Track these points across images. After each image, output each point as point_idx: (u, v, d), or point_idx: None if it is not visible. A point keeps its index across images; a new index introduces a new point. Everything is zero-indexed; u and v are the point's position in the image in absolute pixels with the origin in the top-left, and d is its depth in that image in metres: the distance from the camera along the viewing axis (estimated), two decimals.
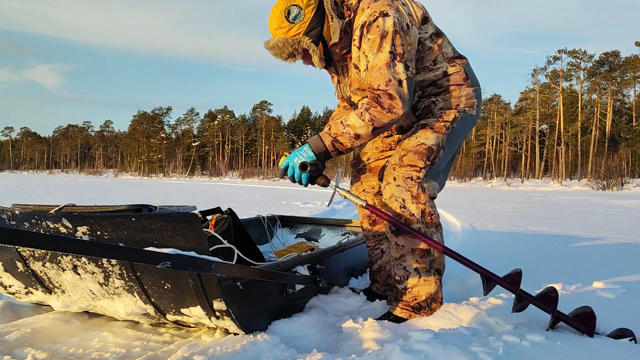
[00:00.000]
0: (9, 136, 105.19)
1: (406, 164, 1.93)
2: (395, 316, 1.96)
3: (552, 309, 1.69)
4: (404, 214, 1.91)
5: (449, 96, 2.01)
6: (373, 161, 2.30)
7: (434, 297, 1.97)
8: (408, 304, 1.96)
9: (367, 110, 1.81)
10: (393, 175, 1.95)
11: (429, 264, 1.95)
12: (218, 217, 2.39)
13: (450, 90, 2.00)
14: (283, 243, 3.58)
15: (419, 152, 1.93)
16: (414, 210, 1.91)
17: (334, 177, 2.09)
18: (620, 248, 4.15)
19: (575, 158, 44.53)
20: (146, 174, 75.19)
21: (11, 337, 1.66)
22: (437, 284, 1.97)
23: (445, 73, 2.01)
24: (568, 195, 18.14)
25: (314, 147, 1.89)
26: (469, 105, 2.02)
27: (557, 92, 47.15)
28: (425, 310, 1.96)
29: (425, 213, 1.93)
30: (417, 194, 1.91)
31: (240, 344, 1.55)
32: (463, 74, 2.02)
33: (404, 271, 1.96)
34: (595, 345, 1.58)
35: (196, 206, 2.34)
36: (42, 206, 2.02)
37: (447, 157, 2.06)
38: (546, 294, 1.74)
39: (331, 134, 1.87)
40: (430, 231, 1.94)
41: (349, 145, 1.87)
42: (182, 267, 1.30)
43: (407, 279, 1.95)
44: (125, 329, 1.82)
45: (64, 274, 1.64)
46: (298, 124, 75.90)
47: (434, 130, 1.96)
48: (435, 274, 1.97)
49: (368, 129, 1.82)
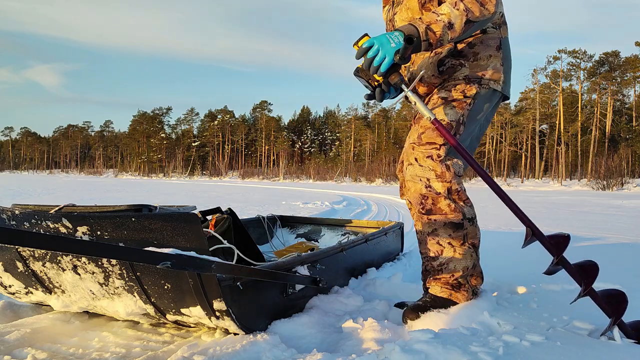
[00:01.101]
0: (9, 136, 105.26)
1: (425, 142, 1.87)
2: (435, 296, 1.89)
3: (586, 282, 1.64)
4: (429, 194, 1.86)
5: (476, 64, 1.92)
6: None
7: (472, 272, 1.91)
8: (447, 282, 1.89)
9: (461, 1, 1.73)
10: (414, 156, 1.89)
11: (463, 238, 1.89)
12: (218, 217, 2.39)
13: (479, 57, 1.92)
14: (283, 243, 3.58)
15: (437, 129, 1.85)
16: (439, 188, 1.85)
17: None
18: (621, 248, 4.15)
19: (575, 158, 44.54)
20: (146, 174, 75.18)
21: (11, 337, 1.66)
22: (473, 257, 1.91)
23: (484, 31, 1.93)
24: (568, 195, 18.14)
25: (407, 32, 1.70)
26: (494, 78, 1.93)
27: (557, 92, 47.16)
28: (466, 288, 1.90)
29: (452, 190, 1.87)
30: (441, 172, 1.85)
31: (240, 344, 1.55)
32: (498, 41, 1.94)
33: (437, 246, 1.90)
34: (595, 345, 1.58)
35: (196, 206, 2.34)
36: (42, 206, 2.02)
37: (467, 137, 1.98)
38: (583, 266, 1.68)
39: (424, 22, 1.72)
40: (460, 205, 1.89)
41: (441, 34, 1.71)
42: (182, 267, 1.30)
43: (442, 254, 1.89)
44: (125, 329, 1.82)
45: (64, 274, 1.64)
46: (298, 124, 75.87)
47: (453, 105, 1.89)
48: (470, 247, 1.91)
49: (462, 20, 1.72)
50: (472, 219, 1.93)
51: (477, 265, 1.95)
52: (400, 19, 2.03)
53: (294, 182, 42.85)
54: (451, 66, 1.94)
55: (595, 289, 1.66)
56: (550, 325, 1.79)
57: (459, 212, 1.87)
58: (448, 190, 1.87)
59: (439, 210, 1.87)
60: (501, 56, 1.95)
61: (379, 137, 62.44)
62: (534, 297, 2.29)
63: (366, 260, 2.79)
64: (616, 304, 1.65)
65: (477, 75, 1.91)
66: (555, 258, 1.68)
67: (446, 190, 1.86)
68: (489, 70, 1.92)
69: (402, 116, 61.04)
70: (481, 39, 1.92)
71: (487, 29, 1.93)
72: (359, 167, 51.93)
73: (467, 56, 1.93)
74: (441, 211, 1.87)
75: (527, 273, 2.79)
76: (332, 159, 64.86)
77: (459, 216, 1.88)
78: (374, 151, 61.73)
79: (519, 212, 1.73)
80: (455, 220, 1.87)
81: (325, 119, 75.01)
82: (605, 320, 1.73)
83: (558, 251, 1.68)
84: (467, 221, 1.90)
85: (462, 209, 1.89)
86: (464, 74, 1.92)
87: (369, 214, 8.06)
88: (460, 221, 1.88)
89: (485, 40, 1.93)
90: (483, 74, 1.91)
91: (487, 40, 1.93)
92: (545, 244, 1.70)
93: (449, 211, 1.87)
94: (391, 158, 55.82)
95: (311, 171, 53.55)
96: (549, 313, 1.98)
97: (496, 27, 1.96)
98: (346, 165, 55.68)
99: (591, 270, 1.67)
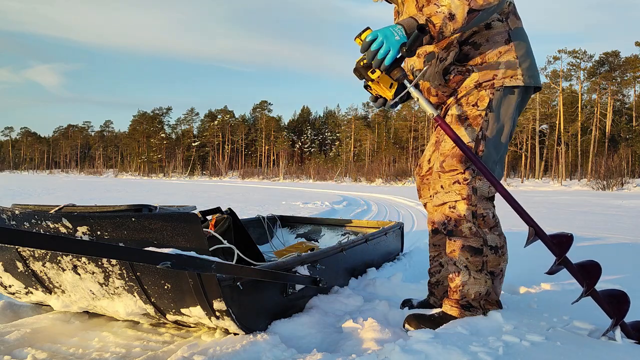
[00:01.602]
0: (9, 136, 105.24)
1: (447, 170, 1.86)
2: (445, 313, 1.88)
3: (588, 283, 1.64)
4: (452, 215, 1.85)
5: (486, 65, 1.83)
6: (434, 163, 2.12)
7: (486, 299, 1.88)
8: (457, 302, 1.87)
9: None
10: (440, 184, 1.88)
11: (482, 264, 1.85)
12: (218, 217, 2.39)
13: (487, 57, 1.83)
14: (283, 243, 3.58)
15: (456, 155, 1.84)
16: (464, 211, 1.83)
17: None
18: (621, 248, 4.14)
19: (575, 158, 44.54)
20: (146, 174, 75.19)
21: (11, 337, 1.66)
22: (487, 284, 1.87)
23: (489, 26, 1.83)
24: (568, 195, 18.13)
25: (408, 27, 1.65)
26: (509, 75, 1.83)
27: (557, 92, 47.14)
28: (476, 310, 1.87)
29: (477, 215, 1.86)
30: (467, 195, 1.83)
31: (240, 344, 1.55)
32: (506, 35, 1.83)
33: (454, 267, 1.87)
34: (596, 345, 1.58)
35: (196, 206, 2.34)
36: (42, 206, 2.02)
37: (493, 146, 1.88)
38: (586, 266, 1.68)
39: (424, 14, 1.67)
40: (484, 231, 1.86)
41: (440, 26, 1.66)
42: (182, 267, 1.30)
43: (458, 276, 1.86)
44: (125, 329, 1.82)
45: (64, 274, 1.64)
46: (298, 124, 75.88)
47: (468, 124, 1.83)
48: (487, 275, 1.87)
49: (464, 9, 1.65)
50: (496, 247, 1.88)
51: (491, 293, 1.90)
52: None
53: (294, 182, 42.86)
54: (458, 73, 1.87)
55: (597, 290, 1.66)
56: (550, 325, 1.79)
57: (479, 237, 1.84)
58: (473, 214, 1.85)
59: (459, 232, 1.85)
60: (514, 49, 1.84)
61: (379, 137, 62.44)
62: (534, 297, 2.29)
63: (366, 260, 2.79)
64: (618, 305, 1.64)
65: (488, 79, 1.83)
66: (558, 258, 1.67)
67: (470, 213, 1.84)
68: (501, 69, 1.82)
69: (402, 116, 61.05)
70: (486, 37, 1.83)
71: (491, 24, 1.83)
72: (359, 167, 51.93)
73: (474, 60, 1.85)
74: (462, 233, 1.85)
75: (527, 273, 2.79)
76: (332, 159, 64.86)
77: (479, 242, 1.84)
78: (374, 151, 61.73)
79: (522, 212, 1.72)
80: (475, 245, 1.84)
81: (325, 119, 75.02)
82: (606, 320, 1.73)
83: (561, 251, 1.67)
84: (487, 248, 1.86)
85: (485, 236, 1.86)
86: (474, 80, 1.84)
87: (369, 214, 8.06)
88: (480, 247, 1.84)
89: (491, 37, 1.83)
90: (495, 74, 1.82)
91: (493, 37, 1.83)
92: (548, 244, 1.70)
93: (469, 234, 1.84)
94: (391, 158, 55.87)
95: (311, 171, 53.55)
96: (549, 313, 1.98)
97: (502, 19, 1.85)
98: (346, 165, 55.69)
99: (593, 271, 1.66)
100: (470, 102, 1.84)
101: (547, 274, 1.73)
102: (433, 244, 2.14)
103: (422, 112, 48.61)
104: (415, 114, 57.78)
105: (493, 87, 1.83)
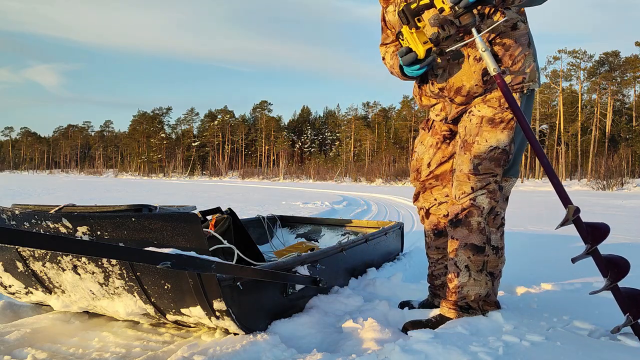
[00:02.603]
0: (9, 136, 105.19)
1: (482, 172, 1.82)
2: (442, 316, 1.86)
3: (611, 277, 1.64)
4: (469, 206, 1.82)
5: (515, 68, 1.80)
6: (436, 167, 2.08)
7: (485, 300, 1.87)
8: (455, 304, 1.85)
9: None
10: (470, 185, 1.84)
11: (482, 264, 1.84)
12: (218, 217, 2.39)
13: (517, 59, 1.80)
14: (283, 243, 3.58)
15: (495, 158, 1.81)
16: (484, 204, 1.82)
17: None
18: (621, 248, 4.14)
19: (575, 158, 44.52)
20: (146, 174, 75.16)
21: (11, 337, 1.66)
22: (487, 285, 1.86)
23: (515, 27, 1.79)
24: None
25: None
26: (532, 78, 1.83)
27: (557, 92, 47.14)
28: (475, 312, 1.85)
29: (493, 211, 1.85)
30: (494, 190, 1.84)
31: (240, 344, 1.55)
32: (527, 37, 1.82)
33: (454, 267, 1.86)
34: (596, 345, 1.58)
35: (196, 206, 2.34)
36: (42, 206, 2.02)
37: (518, 147, 1.92)
38: (613, 260, 1.67)
39: None
40: (490, 230, 1.86)
41: None
42: (182, 267, 1.30)
43: (457, 277, 1.85)
44: (125, 329, 1.82)
45: (64, 274, 1.64)
46: (298, 124, 75.86)
47: (504, 127, 1.81)
48: (487, 276, 1.86)
49: None
50: (497, 248, 1.89)
51: (491, 295, 1.89)
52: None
53: (293, 182, 42.86)
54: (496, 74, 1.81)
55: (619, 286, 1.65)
56: (550, 325, 1.79)
57: (484, 234, 1.83)
58: (491, 209, 1.84)
59: (468, 223, 1.83)
60: (532, 52, 1.85)
61: (379, 137, 62.42)
62: (533, 297, 2.29)
63: (366, 260, 2.79)
64: (637, 305, 1.63)
65: (519, 82, 1.82)
66: (589, 246, 1.64)
67: (490, 208, 1.83)
68: (527, 72, 1.82)
69: (402, 116, 61.04)
70: (514, 37, 1.80)
71: (517, 24, 1.79)
72: (359, 167, 51.90)
73: (505, 61, 1.81)
74: (469, 225, 1.82)
75: (527, 273, 2.79)
76: (332, 159, 64.83)
77: (483, 238, 1.83)
78: (374, 151, 61.70)
79: (562, 192, 1.68)
80: (477, 242, 1.82)
81: (325, 119, 74.97)
82: (607, 320, 1.74)
83: (593, 240, 1.65)
84: (490, 248, 1.85)
85: (489, 234, 1.85)
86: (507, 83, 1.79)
87: (369, 214, 8.06)
88: (482, 245, 1.83)
89: (518, 38, 1.80)
90: (523, 77, 1.82)
91: (519, 38, 1.80)
92: (582, 231, 1.66)
93: (476, 228, 1.82)
94: (391, 158, 55.82)
95: (311, 171, 53.53)
96: (549, 313, 1.98)
97: (524, 21, 1.82)
98: (346, 165, 55.66)
99: (621, 266, 1.65)
100: (503, 105, 1.81)
101: (572, 261, 1.69)
102: (436, 246, 2.13)
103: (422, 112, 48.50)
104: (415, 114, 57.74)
105: (521, 92, 1.82)
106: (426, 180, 2.10)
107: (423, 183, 2.12)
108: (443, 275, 2.12)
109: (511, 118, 1.81)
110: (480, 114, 1.84)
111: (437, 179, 2.08)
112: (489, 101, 1.83)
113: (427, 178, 2.10)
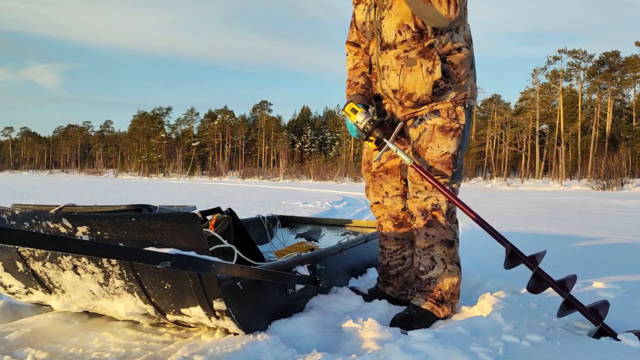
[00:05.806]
0: (9, 136, 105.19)
1: (434, 174, 2.02)
2: (418, 308, 2.02)
3: (566, 294, 1.78)
4: (434, 210, 2.04)
5: (460, 85, 2.02)
6: (386, 161, 2.25)
7: (453, 292, 2.05)
8: (432, 296, 2.03)
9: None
10: (424, 185, 2.04)
11: (453, 256, 2.06)
12: (218, 217, 2.39)
13: (461, 78, 2.02)
14: (283, 243, 3.58)
15: (445, 162, 2.02)
16: (444, 207, 2.03)
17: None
18: (620, 248, 4.14)
19: (575, 158, 44.51)
20: (146, 174, 75.17)
21: (11, 337, 1.66)
22: (459, 275, 2.07)
23: (459, 49, 2.01)
24: (568, 195, 18.13)
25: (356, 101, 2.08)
26: (473, 96, 2.07)
27: (557, 92, 47.12)
28: (448, 305, 2.04)
29: (450, 211, 2.06)
30: (447, 189, 1.99)
31: (240, 344, 1.55)
32: (471, 60, 2.06)
33: (430, 261, 2.05)
34: (595, 345, 1.58)
35: (196, 206, 2.35)
36: (42, 206, 2.02)
37: (462, 156, 2.13)
38: (563, 281, 1.82)
39: None
40: (452, 225, 2.08)
41: None
42: (182, 267, 1.30)
43: (433, 269, 2.04)
44: (125, 329, 1.82)
45: (64, 274, 1.64)
46: (298, 124, 75.86)
47: (453, 135, 2.01)
48: (458, 266, 2.08)
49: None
50: (458, 240, 2.12)
51: (459, 284, 2.08)
52: (389, 24, 2.00)
53: (294, 182, 42.86)
54: (443, 89, 2.01)
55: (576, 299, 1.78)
56: (550, 325, 1.79)
57: (452, 231, 2.06)
58: (448, 209, 2.05)
59: (438, 224, 2.03)
60: (473, 73, 2.08)
61: None
62: (534, 297, 2.29)
63: (366, 260, 2.80)
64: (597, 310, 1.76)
65: (462, 97, 2.02)
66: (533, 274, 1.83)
67: (447, 208, 2.04)
68: (469, 89, 2.04)
69: None
70: (460, 59, 2.00)
71: (461, 48, 2.00)
72: (359, 167, 51.88)
73: (452, 78, 2.01)
74: (439, 225, 2.03)
75: (527, 273, 2.78)
76: (332, 159, 64.83)
77: (452, 234, 2.06)
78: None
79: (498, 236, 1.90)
80: (450, 237, 2.05)
81: (325, 119, 74.97)
82: (606, 320, 1.73)
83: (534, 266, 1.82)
84: (456, 241, 2.09)
85: (454, 229, 2.08)
86: (451, 97, 2.01)
87: (369, 214, 8.06)
88: (453, 239, 2.06)
89: (464, 60, 2.01)
90: (466, 94, 2.03)
91: (465, 60, 2.02)
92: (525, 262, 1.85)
93: (446, 226, 2.04)
94: None
95: (311, 171, 53.54)
96: (549, 313, 1.98)
97: (468, 46, 2.04)
98: (346, 165, 55.66)
99: (569, 284, 1.81)
100: (451, 116, 2.02)
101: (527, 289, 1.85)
102: (395, 237, 2.28)
103: None
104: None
105: (463, 106, 2.03)
106: (377, 171, 2.27)
107: (374, 174, 2.28)
108: (400, 266, 2.30)
109: (458, 128, 2.02)
110: (432, 123, 2.03)
111: (387, 172, 2.26)
112: (438, 112, 2.02)
113: (377, 170, 2.27)
